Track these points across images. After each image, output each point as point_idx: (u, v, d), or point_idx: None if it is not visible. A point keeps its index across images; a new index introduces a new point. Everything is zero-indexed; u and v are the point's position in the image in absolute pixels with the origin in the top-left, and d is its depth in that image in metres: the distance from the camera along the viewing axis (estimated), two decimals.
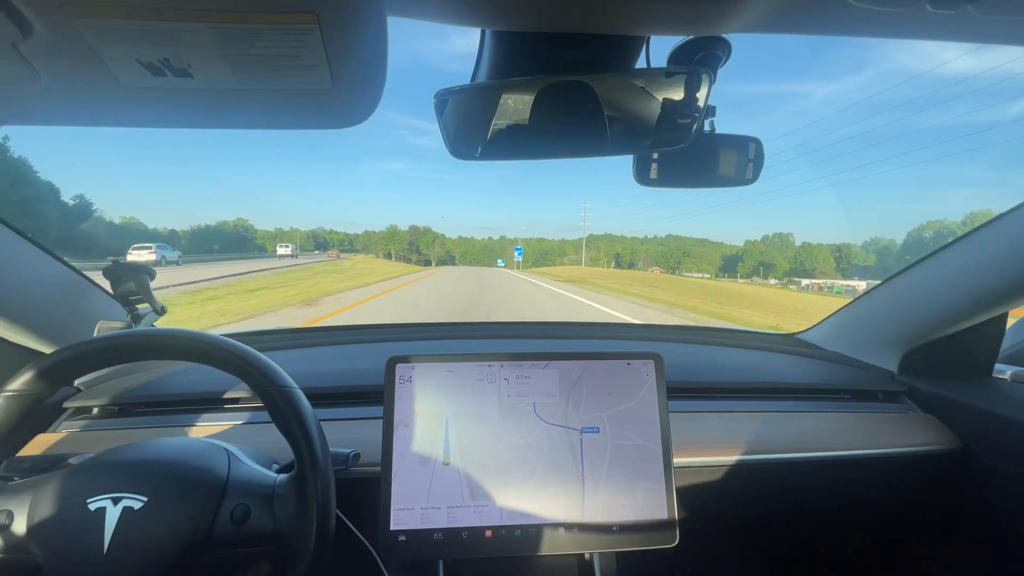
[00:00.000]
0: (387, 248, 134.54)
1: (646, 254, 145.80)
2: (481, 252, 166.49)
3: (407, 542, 0.69)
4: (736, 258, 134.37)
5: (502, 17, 0.52)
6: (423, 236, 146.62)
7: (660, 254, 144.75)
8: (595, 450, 0.74)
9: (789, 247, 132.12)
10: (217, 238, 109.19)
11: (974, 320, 0.96)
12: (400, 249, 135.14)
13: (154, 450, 0.60)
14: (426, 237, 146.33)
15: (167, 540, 0.54)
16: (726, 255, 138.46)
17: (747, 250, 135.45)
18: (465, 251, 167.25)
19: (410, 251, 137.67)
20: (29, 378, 0.55)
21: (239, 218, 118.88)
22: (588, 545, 0.72)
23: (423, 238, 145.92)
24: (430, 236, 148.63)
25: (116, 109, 0.52)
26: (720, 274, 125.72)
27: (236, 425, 0.92)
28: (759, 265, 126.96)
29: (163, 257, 29.37)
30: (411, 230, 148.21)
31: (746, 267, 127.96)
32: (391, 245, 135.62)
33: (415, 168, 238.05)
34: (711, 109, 0.68)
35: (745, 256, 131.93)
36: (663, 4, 0.48)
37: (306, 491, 0.56)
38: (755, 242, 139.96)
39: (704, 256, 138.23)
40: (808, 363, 1.23)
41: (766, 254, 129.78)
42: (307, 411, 0.59)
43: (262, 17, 0.38)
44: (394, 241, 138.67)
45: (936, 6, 0.44)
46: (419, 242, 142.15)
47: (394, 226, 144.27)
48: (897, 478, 1.00)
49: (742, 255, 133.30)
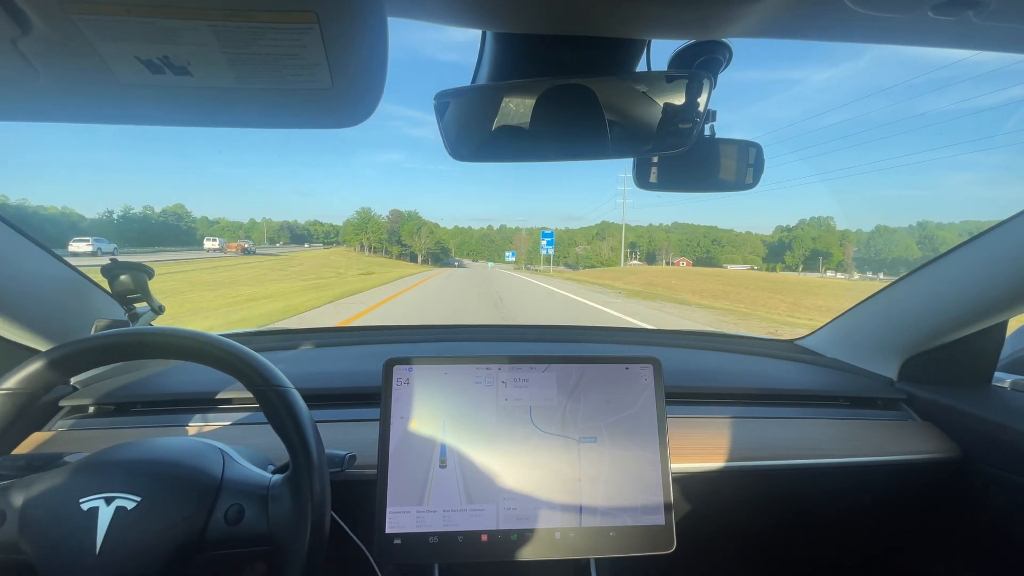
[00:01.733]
0: (359, 239, 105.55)
1: (667, 243, 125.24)
2: (479, 243, 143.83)
3: (402, 545, 0.69)
4: (781, 245, 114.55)
5: (503, 19, 0.53)
6: (407, 223, 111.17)
7: (682, 243, 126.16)
8: (593, 457, 0.74)
9: (831, 233, 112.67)
10: (139, 228, 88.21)
11: (974, 328, 0.96)
12: (374, 240, 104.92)
13: (148, 450, 0.60)
14: (409, 223, 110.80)
15: (160, 540, 0.53)
16: (768, 242, 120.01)
17: (798, 236, 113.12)
18: (462, 242, 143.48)
19: (390, 241, 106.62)
20: (24, 376, 0.55)
21: (177, 204, 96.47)
22: (585, 551, 0.71)
23: (406, 225, 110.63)
24: (414, 222, 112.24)
25: (115, 106, 0.52)
26: (766, 265, 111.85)
27: (232, 425, 0.92)
28: (812, 253, 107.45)
29: (99, 249, 31.92)
30: (392, 216, 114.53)
31: (796, 256, 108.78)
32: (363, 235, 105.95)
33: (411, 160, 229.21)
34: (712, 113, 0.68)
35: (795, 243, 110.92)
36: (664, 8, 0.48)
37: (301, 492, 0.56)
38: (789, 228, 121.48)
39: (738, 244, 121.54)
40: (807, 369, 1.23)
41: (819, 240, 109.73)
42: (303, 411, 0.59)
43: (262, 16, 0.38)
44: (368, 230, 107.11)
45: (937, 12, 0.44)
46: (402, 230, 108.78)
47: (367, 210, 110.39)
48: (896, 486, 0.99)
49: (790, 242, 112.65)
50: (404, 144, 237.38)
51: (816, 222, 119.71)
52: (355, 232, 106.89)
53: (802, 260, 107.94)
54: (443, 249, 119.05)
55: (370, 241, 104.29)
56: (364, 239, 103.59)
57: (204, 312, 10.39)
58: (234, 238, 69.70)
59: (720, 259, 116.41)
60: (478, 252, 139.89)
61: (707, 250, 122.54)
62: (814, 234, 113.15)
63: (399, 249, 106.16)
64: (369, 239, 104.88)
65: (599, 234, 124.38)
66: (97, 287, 1.02)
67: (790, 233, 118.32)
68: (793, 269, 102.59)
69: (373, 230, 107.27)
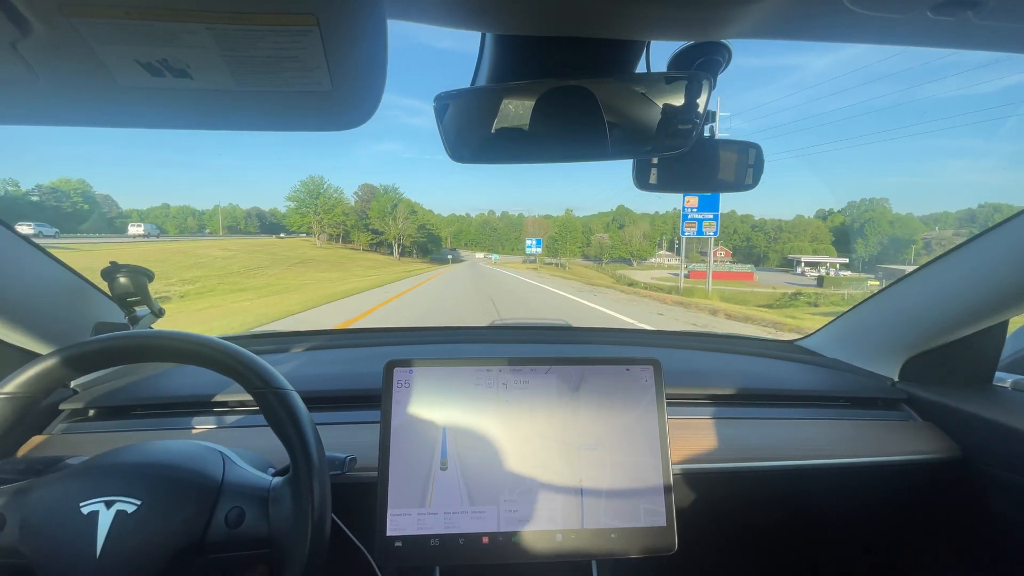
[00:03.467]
0: (306, 221, 69.83)
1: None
2: (479, 232, 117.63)
3: (403, 548, 0.69)
4: (846, 231, 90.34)
5: (502, 21, 0.53)
6: (380, 200, 76.05)
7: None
8: (594, 459, 0.74)
9: (886, 216, 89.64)
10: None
11: (974, 328, 0.96)
12: (330, 222, 69.44)
13: (148, 453, 0.60)
14: (382, 200, 75.84)
15: (161, 544, 0.53)
16: (835, 228, 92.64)
17: (873, 219, 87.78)
18: (459, 230, 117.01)
19: (358, 227, 73.66)
20: (24, 380, 0.55)
21: (80, 180, 63.13)
22: (586, 552, 0.71)
23: (379, 204, 75.57)
24: (389, 198, 77.15)
25: (114, 109, 0.52)
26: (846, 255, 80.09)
27: (232, 428, 0.91)
28: (891, 241, 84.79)
29: (40, 232, 31.91)
30: (362, 191, 79.62)
31: (870, 245, 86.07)
32: (315, 217, 68.95)
33: (408, 149, 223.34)
34: (711, 114, 0.68)
35: (868, 229, 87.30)
36: (663, 9, 0.48)
37: (301, 495, 0.56)
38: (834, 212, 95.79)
39: (796, 230, 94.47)
40: (808, 370, 1.23)
41: (899, 225, 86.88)
42: (303, 413, 0.58)
43: (261, 18, 0.38)
44: (320, 209, 69.69)
45: (936, 12, 0.44)
46: (372, 213, 75.19)
47: (317, 180, 71.12)
48: (897, 486, 0.99)
49: (862, 226, 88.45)
50: (402, 134, 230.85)
51: (871, 205, 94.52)
52: (300, 214, 70.54)
53: (877, 250, 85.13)
54: (432, 238, 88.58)
55: (325, 225, 69.03)
56: (317, 222, 68.78)
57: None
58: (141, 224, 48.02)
59: (778, 251, 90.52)
60: (477, 242, 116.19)
61: (747, 237, 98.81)
62: (890, 217, 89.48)
63: (369, 237, 74.10)
64: (324, 222, 69.24)
65: (615, 220, 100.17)
66: (97, 290, 1.02)
67: (857, 215, 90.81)
68: (868, 264, 76.81)
69: (326, 209, 69.82)
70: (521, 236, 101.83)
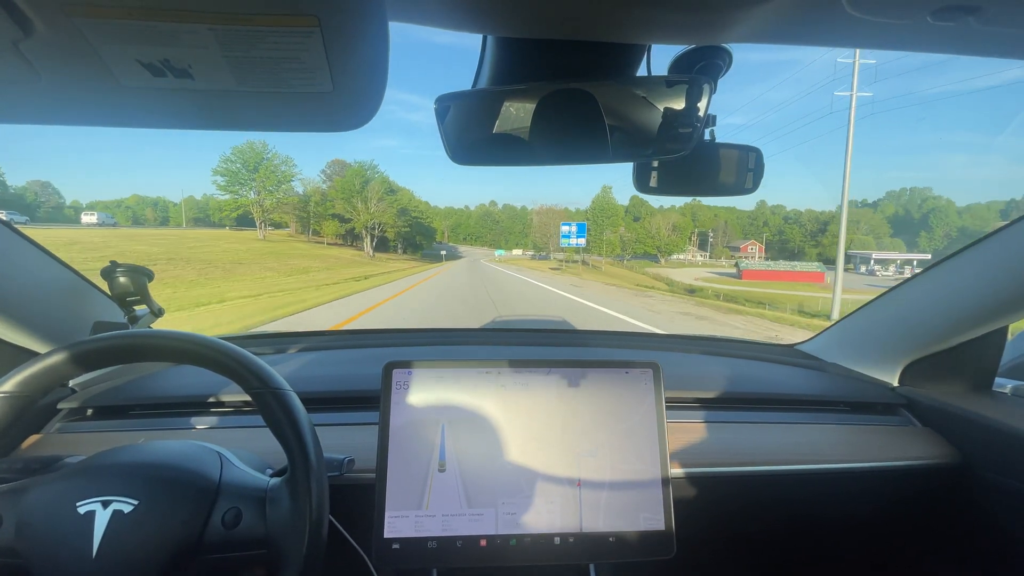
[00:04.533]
0: (241, 205, 47.80)
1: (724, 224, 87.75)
2: (479, 225, 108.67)
3: (401, 550, 0.69)
4: (907, 222, 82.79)
5: (504, 23, 0.53)
6: (352, 177, 56.21)
7: (743, 222, 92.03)
8: (593, 462, 0.74)
9: (951, 205, 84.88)
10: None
11: (974, 333, 0.96)
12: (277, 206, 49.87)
13: (145, 453, 0.60)
14: (356, 178, 56.04)
15: (157, 544, 0.53)
16: (896, 215, 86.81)
17: (938, 208, 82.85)
18: (457, 223, 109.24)
19: (321, 216, 56.64)
20: (21, 379, 0.55)
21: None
22: (585, 556, 0.71)
23: (344, 182, 56.79)
24: (358, 173, 56.75)
25: (116, 109, 0.52)
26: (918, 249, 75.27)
27: (230, 429, 0.91)
28: (960, 233, 78.76)
29: (12, 219, 30.39)
30: (331, 168, 63.26)
31: (935, 238, 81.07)
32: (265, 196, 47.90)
33: (407, 145, 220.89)
34: (711, 118, 0.68)
35: (933, 219, 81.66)
36: (664, 13, 0.49)
37: (299, 496, 0.56)
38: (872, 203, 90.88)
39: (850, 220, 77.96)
40: (807, 375, 1.23)
41: (969, 215, 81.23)
42: (301, 414, 0.58)
43: (263, 19, 0.38)
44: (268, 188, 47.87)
45: (937, 18, 0.44)
46: (332, 193, 57.80)
47: (259, 145, 46.52)
48: (896, 491, 0.99)
49: (925, 216, 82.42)
50: (401, 129, 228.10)
51: (917, 195, 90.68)
52: (233, 194, 47.55)
53: (944, 243, 78.97)
54: (423, 229, 69.32)
55: (268, 209, 48.67)
56: (257, 205, 47.35)
57: None
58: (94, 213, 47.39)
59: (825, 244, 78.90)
60: (478, 236, 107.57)
61: (779, 230, 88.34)
62: (957, 208, 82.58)
63: (337, 227, 55.98)
64: (267, 205, 48.23)
65: (628, 212, 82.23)
66: (96, 289, 1.02)
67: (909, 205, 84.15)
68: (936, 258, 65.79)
69: (268, 187, 47.73)
70: (527, 229, 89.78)
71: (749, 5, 0.46)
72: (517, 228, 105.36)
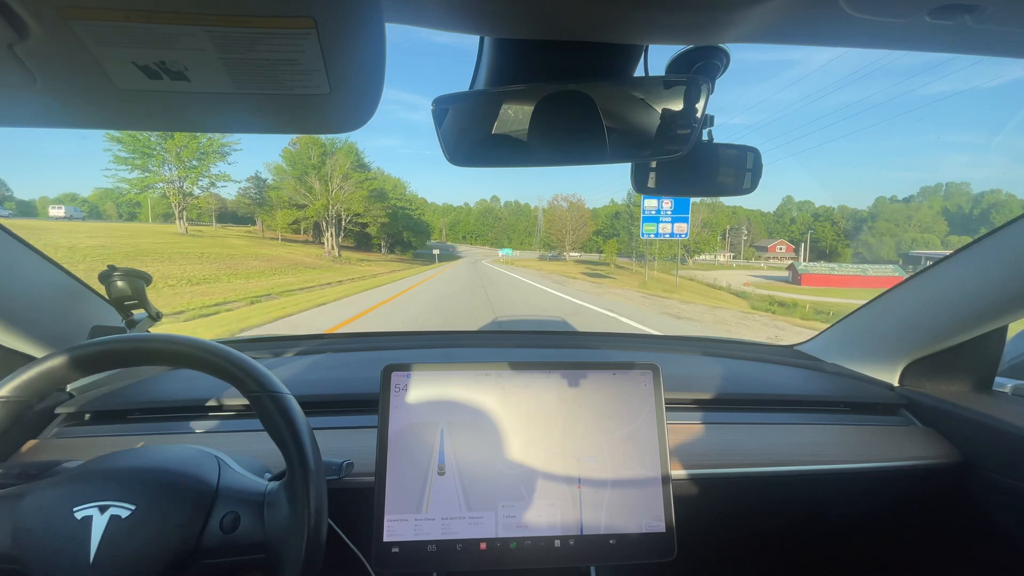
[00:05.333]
0: (142, 189, 31.59)
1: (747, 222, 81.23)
2: (480, 222, 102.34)
3: (400, 554, 0.68)
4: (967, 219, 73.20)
5: (501, 25, 0.53)
6: (307, 148, 38.74)
7: (768, 220, 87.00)
8: (593, 465, 0.73)
9: (1013, 199, 76.11)
10: None
11: (974, 333, 0.96)
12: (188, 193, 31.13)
13: (143, 457, 0.59)
14: (312, 148, 38.64)
15: (155, 549, 0.53)
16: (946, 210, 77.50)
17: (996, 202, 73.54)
18: (456, 220, 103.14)
19: (275, 205, 44.23)
20: (18, 383, 0.54)
21: None
22: (585, 558, 0.71)
23: (302, 155, 39.68)
24: (315, 143, 37.37)
25: (112, 112, 0.52)
26: None
27: (228, 433, 0.91)
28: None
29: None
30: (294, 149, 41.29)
31: None
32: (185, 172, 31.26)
33: (408, 144, 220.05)
34: (709, 118, 0.68)
35: (994, 216, 70.34)
36: (662, 13, 0.49)
37: (298, 500, 0.55)
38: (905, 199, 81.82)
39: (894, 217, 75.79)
40: (807, 375, 1.23)
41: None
42: (299, 417, 0.58)
43: (259, 21, 0.38)
44: (188, 165, 30.91)
45: (934, 17, 0.44)
46: (278, 170, 42.65)
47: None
48: (897, 491, 0.99)
49: (987, 215, 72.91)
50: (401, 129, 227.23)
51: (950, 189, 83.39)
52: (141, 182, 32.69)
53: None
54: (415, 225, 59.81)
55: (184, 196, 33.76)
56: (175, 191, 33.45)
57: None
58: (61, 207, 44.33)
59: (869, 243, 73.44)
60: (478, 234, 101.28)
61: (810, 227, 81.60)
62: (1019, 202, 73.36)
63: (287, 215, 44.33)
64: (185, 194, 33.85)
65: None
66: (94, 293, 1.01)
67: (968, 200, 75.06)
68: None
69: (188, 163, 33.08)
70: (532, 227, 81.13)
71: (746, 5, 0.45)
72: (521, 226, 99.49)
